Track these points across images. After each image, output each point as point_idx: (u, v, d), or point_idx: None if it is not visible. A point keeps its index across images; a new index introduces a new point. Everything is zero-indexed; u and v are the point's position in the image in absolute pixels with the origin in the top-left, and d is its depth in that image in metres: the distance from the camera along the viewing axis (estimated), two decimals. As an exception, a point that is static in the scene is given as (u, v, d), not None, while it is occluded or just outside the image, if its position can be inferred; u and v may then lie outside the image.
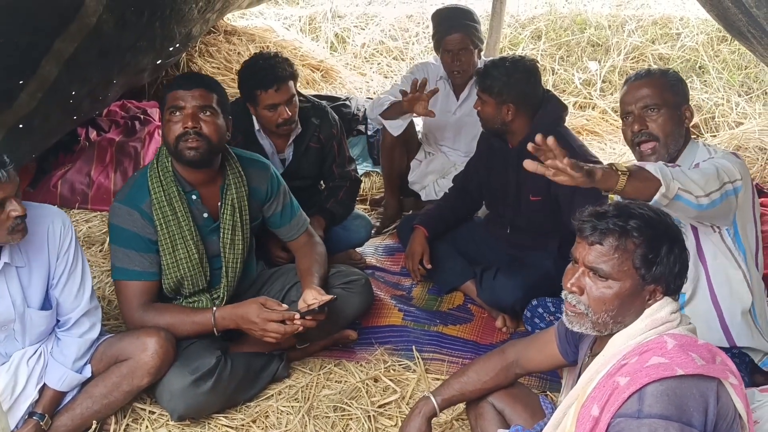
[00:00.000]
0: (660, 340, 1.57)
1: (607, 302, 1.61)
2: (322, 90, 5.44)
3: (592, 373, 1.64)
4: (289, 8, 6.91)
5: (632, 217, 1.60)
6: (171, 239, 2.44)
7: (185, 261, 2.46)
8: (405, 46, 6.37)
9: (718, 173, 2.06)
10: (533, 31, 6.25)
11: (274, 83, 2.92)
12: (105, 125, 4.32)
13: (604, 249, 1.60)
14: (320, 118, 3.25)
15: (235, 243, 2.56)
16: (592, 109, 5.51)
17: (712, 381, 1.50)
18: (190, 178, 2.47)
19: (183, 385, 2.32)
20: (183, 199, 2.45)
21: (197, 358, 2.38)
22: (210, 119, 2.38)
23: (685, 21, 6.03)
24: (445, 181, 3.79)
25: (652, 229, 1.59)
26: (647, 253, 1.58)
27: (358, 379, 2.64)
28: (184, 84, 2.41)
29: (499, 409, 1.99)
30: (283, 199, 2.72)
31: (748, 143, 4.37)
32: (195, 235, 2.47)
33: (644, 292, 1.61)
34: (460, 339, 2.91)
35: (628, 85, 2.34)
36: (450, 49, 3.58)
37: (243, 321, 2.39)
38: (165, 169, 2.45)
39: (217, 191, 2.53)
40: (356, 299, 2.77)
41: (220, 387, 2.39)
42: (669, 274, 1.60)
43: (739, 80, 5.52)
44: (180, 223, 2.44)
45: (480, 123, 2.98)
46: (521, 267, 2.98)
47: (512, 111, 2.84)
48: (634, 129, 2.27)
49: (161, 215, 2.42)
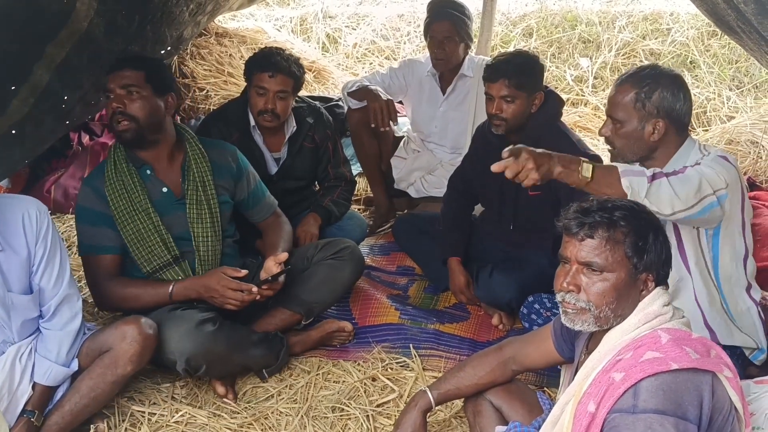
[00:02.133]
0: (654, 334, 1.58)
1: (607, 295, 1.63)
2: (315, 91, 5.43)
3: (588, 369, 1.65)
4: (279, 9, 6.89)
5: (616, 208, 1.64)
6: (125, 212, 2.54)
7: (143, 231, 2.55)
8: (396, 46, 6.36)
9: (700, 185, 2.07)
10: (524, 29, 6.26)
11: (270, 69, 3.02)
12: (97, 129, 4.31)
13: (595, 242, 1.62)
14: (315, 119, 3.29)
15: (202, 218, 2.64)
16: (584, 106, 5.53)
17: (706, 374, 1.51)
18: (141, 155, 2.59)
19: (189, 326, 2.41)
20: (134, 174, 2.56)
21: (196, 310, 2.49)
22: (136, 98, 2.48)
23: (676, 16, 6.05)
24: (433, 178, 3.81)
25: (637, 219, 1.64)
26: (637, 241, 1.62)
27: (356, 379, 2.64)
28: (113, 66, 2.53)
29: (497, 406, 2.00)
30: (252, 180, 2.84)
31: (739, 137, 4.38)
32: (149, 207, 2.56)
33: (638, 281, 1.64)
34: (457, 337, 2.92)
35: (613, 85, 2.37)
36: (435, 36, 3.60)
37: (205, 290, 2.51)
38: (116, 147, 2.60)
39: (177, 168, 2.65)
40: (348, 267, 2.88)
41: (223, 331, 2.47)
42: (658, 260, 1.64)
43: (730, 74, 5.54)
44: (130, 196, 2.54)
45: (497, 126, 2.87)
46: (517, 264, 2.99)
47: (540, 101, 2.86)
48: (601, 132, 2.36)
49: (111, 190, 2.54)
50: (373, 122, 3.50)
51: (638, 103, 2.24)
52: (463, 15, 3.63)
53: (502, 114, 2.81)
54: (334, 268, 2.83)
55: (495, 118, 2.84)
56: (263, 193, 2.91)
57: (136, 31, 3.16)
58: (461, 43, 3.64)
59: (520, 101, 2.81)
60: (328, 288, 2.82)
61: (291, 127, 3.21)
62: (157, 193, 2.61)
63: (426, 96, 3.82)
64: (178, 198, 2.64)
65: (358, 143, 3.84)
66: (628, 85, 2.27)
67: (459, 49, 3.64)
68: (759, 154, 4.19)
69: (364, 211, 4.10)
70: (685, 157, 2.27)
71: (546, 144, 2.83)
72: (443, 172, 3.75)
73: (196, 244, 2.63)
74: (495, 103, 2.81)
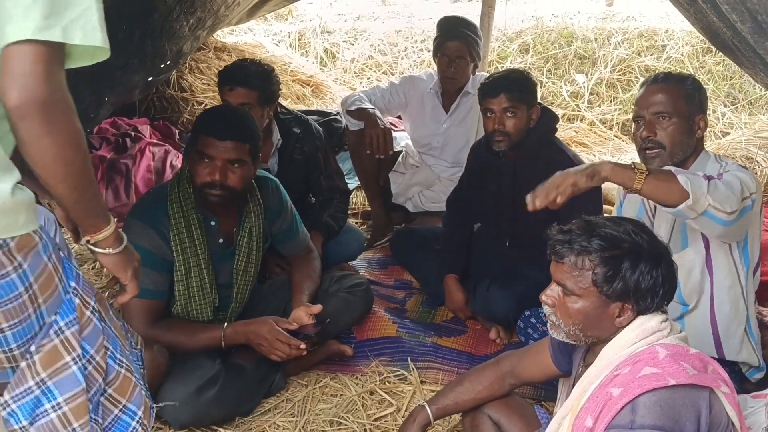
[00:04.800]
0: (652, 350, 1.58)
1: (573, 316, 1.65)
2: (313, 105, 5.47)
3: (586, 384, 1.65)
4: (278, 24, 6.94)
5: (594, 236, 1.61)
6: (186, 265, 2.44)
7: (197, 288, 2.47)
8: (394, 61, 6.42)
9: (742, 188, 2.05)
10: (521, 45, 6.32)
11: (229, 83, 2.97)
12: (96, 143, 4.33)
13: (565, 267, 1.64)
14: (302, 129, 3.27)
15: (248, 270, 2.58)
16: (580, 121, 5.58)
17: (704, 390, 1.51)
18: (211, 206, 2.46)
19: (187, 393, 2.32)
20: (201, 226, 2.45)
21: (199, 367, 2.40)
22: (238, 171, 2.36)
23: (671, 33, 6.11)
24: (431, 193, 3.84)
25: (614, 248, 1.59)
26: (606, 271, 1.59)
27: (354, 393, 2.64)
28: (218, 133, 2.33)
29: (495, 420, 2.00)
30: (290, 215, 2.75)
31: (734, 153, 4.43)
32: (209, 263, 2.47)
33: (610, 309, 1.62)
34: (454, 350, 2.92)
35: (645, 87, 2.33)
36: (447, 54, 3.63)
37: (255, 336, 2.44)
38: (186, 194, 2.43)
39: (234, 217, 2.54)
40: (359, 304, 2.89)
41: (223, 395, 2.40)
42: (636, 291, 1.59)
43: (725, 91, 5.60)
44: (197, 249, 2.44)
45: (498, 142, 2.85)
46: (514, 278, 3.00)
47: (537, 114, 2.88)
48: (642, 135, 2.27)
49: (179, 241, 2.41)
50: (369, 149, 3.51)
51: (689, 98, 2.24)
52: (475, 35, 3.68)
53: (505, 128, 2.83)
54: (347, 302, 2.82)
55: (497, 133, 2.85)
56: (298, 228, 2.82)
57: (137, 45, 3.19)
58: (471, 63, 3.68)
59: (521, 114, 2.82)
60: (338, 320, 2.76)
61: (276, 138, 3.18)
62: (214, 245, 2.50)
63: (428, 113, 3.84)
64: (229, 247, 2.55)
65: (356, 158, 3.85)
66: (672, 82, 2.27)
67: (469, 68, 3.69)
68: (754, 169, 4.23)
69: (362, 225, 4.12)
70: (702, 167, 2.26)
71: (543, 159, 2.89)
72: (441, 188, 3.78)
73: (236, 295, 2.58)
74: (496, 117, 2.83)
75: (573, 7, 6.93)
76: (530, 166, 2.91)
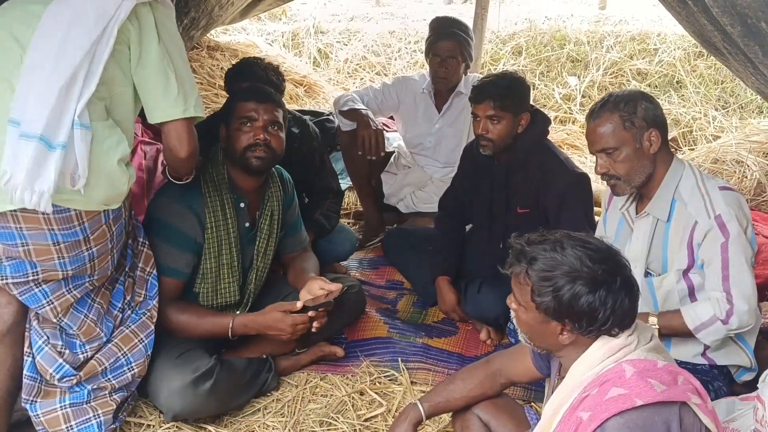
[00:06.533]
0: (618, 369, 1.56)
1: (521, 325, 1.70)
2: (306, 105, 5.46)
3: (556, 405, 1.65)
4: (271, 24, 6.93)
5: (541, 253, 1.62)
6: (219, 244, 2.51)
7: (227, 267, 2.54)
8: (387, 62, 6.42)
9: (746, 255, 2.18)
10: (514, 47, 6.33)
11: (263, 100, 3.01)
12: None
13: (514, 278, 1.69)
14: (300, 129, 3.29)
15: (267, 252, 2.66)
16: (572, 124, 5.59)
17: (673, 406, 1.50)
18: (243, 185, 2.56)
19: (183, 384, 2.34)
20: (233, 206, 2.54)
21: (196, 360, 2.41)
22: (277, 133, 2.52)
23: (663, 37, 6.14)
24: (423, 193, 3.84)
25: (553, 269, 1.58)
26: (540, 289, 1.59)
27: (344, 393, 2.64)
28: (257, 97, 2.52)
29: (485, 421, 2.01)
30: (297, 209, 2.84)
31: (725, 156, 4.44)
32: (238, 243, 2.55)
33: (551, 326, 1.62)
34: (445, 351, 2.93)
35: (586, 124, 2.32)
36: (439, 54, 3.64)
37: (269, 329, 2.50)
38: (220, 174, 2.53)
39: (259, 200, 2.64)
40: (353, 306, 2.91)
41: (218, 389, 2.41)
42: (569, 314, 1.58)
43: (716, 94, 5.62)
44: (229, 229, 2.53)
45: (484, 147, 2.89)
46: (505, 280, 2.99)
47: (526, 121, 2.88)
48: (598, 171, 2.30)
49: (213, 220, 2.49)
50: (361, 150, 3.52)
51: (626, 123, 2.21)
52: (466, 35, 3.69)
53: (488, 135, 2.84)
54: (341, 303, 2.75)
55: (482, 138, 2.87)
56: (301, 225, 2.90)
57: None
58: (463, 63, 3.68)
59: (506, 122, 2.83)
60: (331, 321, 2.67)
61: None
62: (241, 227, 2.58)
63: (421, 113, 3.85)
64: (252, 230, 2.63)
65: (348, 158, 3.85)
66: (606, 113, 2.23)
67: (460, 68, 3.69)
68: (744, 173, 4.25)
69: (354, 225, 4.12)
70: (675, 180, 2.26)
71: (535, 161, 2.90)
72: (433, 188, 3.78)
73: (254, 278, 2.64)
74: (481, 123, 2.84)
75: (566, 10, 6.96)
76: (522, 168, 2.93)
